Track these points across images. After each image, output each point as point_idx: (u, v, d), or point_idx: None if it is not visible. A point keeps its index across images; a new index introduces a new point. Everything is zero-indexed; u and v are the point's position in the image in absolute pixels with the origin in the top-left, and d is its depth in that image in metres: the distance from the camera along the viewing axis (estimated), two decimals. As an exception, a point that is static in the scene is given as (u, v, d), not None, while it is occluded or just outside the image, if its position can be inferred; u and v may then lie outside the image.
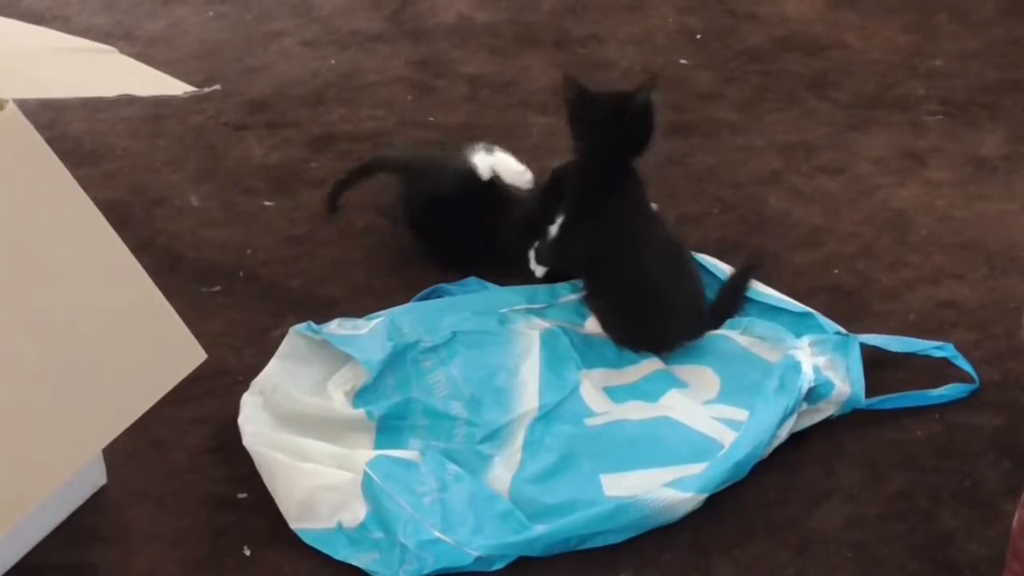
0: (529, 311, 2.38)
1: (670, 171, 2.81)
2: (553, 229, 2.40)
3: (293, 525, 2.06)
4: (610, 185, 2.34)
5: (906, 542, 2.02)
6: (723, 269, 2.43)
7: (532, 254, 2.47)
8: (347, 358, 2.25)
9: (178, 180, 2.85)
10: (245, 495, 2.13)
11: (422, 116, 3.05)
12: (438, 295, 2.46)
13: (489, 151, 2.55)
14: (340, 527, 2.03)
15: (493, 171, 2.53)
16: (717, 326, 2.34)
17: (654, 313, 2.32)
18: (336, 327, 2.31)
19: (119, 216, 2.31)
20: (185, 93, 2.30)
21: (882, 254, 2.58)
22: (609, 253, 2.33)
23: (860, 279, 2.52)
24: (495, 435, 2.16)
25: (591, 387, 2.25)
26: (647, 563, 2.01)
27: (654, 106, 2.32)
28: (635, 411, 2.21)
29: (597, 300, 2.36)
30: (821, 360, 2.23)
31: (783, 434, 2.14)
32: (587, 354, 2.31)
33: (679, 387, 2.26)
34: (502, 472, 2.11)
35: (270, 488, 2.10)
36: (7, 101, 1.93)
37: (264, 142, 2.97)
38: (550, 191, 2.43)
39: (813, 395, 2.18)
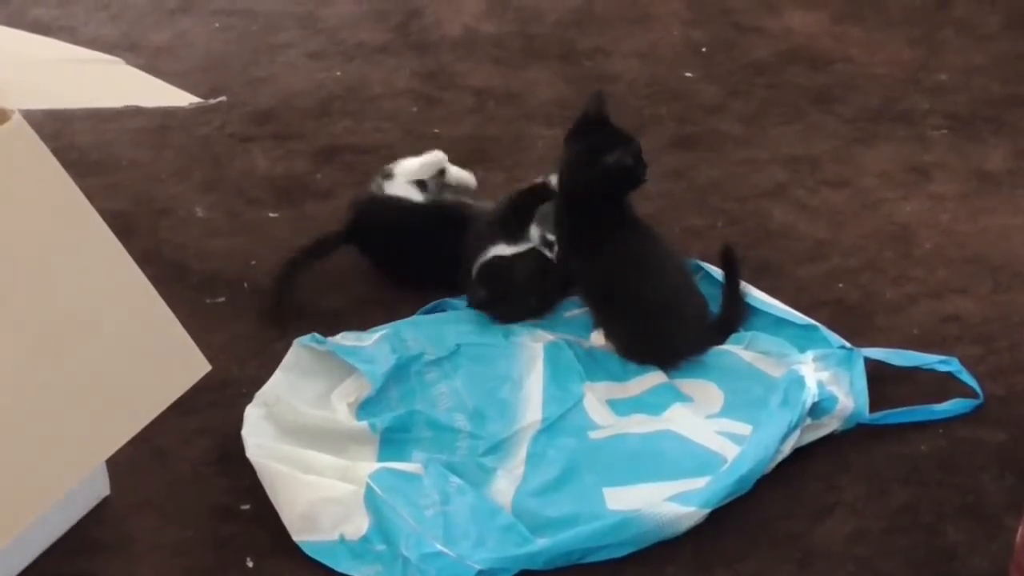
0: (533, 324, 2.38)
1: (674, 184, 2.82)
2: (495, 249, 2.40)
3: (295, 537, 2.06)
4: (602, 215, 2.34)
5: (909, 556, 2.01)
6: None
7: None
8: (351, 370, 2.26)
9: (183, 191, 2.86)
10: (248, 506, 2.12)
11: (427, 128, 3.05)
12: (443, 309, 2.46)
13: (388, 174, 2.55)
14: (342, 539, 2.03)
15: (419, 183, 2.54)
16: (723, 340, 2.34)
17: (662, 326, 2.32)
18: (340, 339, 2.31)
19: (124, 226, 2.31)
20: (191, 104, 2.30)
21: (886, 268, 2.58)
22: (616, 271, 2.32)
23: (864, 293, 2.52)
24: (498, 448, 2.16)
25: (595, 400, 2.25)
26: (649, 577, 2.01)
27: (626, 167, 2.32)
28: (638, 424, 2.21)
29: (604, 315, 2.36)
30: (825, 375, 2.23)
31: (787, 449, 2.14)
32: (591, 367, 2.31)
33: (683, 401, 2.25)
34: (505, 485, 2.10)
35: (273, 500, 2.10)
36: (13, 111, 1.93)
37: (269, 153, 2.97)
38: (513, 215, 2.44)
39: (817, 410, 2.17)
